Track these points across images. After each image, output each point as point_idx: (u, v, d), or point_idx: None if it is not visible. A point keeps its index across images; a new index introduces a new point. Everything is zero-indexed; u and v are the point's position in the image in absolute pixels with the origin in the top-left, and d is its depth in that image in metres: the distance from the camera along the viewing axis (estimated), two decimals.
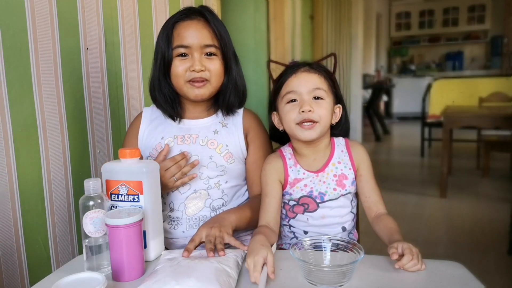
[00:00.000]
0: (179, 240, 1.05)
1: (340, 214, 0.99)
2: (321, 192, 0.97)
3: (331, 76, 0.99)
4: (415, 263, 0.76)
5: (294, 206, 1.00)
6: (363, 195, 0.99)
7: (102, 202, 0.81)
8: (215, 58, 1.01)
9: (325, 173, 0.98)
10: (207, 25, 1.00)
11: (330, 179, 0.98)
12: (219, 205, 1.06)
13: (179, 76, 1.00)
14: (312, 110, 0.92)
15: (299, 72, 0.96)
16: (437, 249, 2.32)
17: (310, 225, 0.99)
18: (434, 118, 4.72)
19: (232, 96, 1.05)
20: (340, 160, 0.99)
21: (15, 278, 1.00)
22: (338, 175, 0.98)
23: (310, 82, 0.94)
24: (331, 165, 0.99)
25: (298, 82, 0.95)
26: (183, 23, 1.00)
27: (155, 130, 1.07)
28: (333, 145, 1.01)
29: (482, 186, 3.56)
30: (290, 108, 0.95)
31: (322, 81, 0.96)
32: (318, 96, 0.94)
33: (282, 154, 1.02)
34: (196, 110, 1.07)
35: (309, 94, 0.94)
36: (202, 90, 1.01)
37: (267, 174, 1.00)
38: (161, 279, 0.72)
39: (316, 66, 0.98)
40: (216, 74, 1.01)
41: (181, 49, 0.99)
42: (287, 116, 0.95)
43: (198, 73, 0.98)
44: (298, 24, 3.77)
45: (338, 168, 0.99)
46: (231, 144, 1.06)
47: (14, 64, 0.97)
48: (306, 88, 0.94)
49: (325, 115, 0.94)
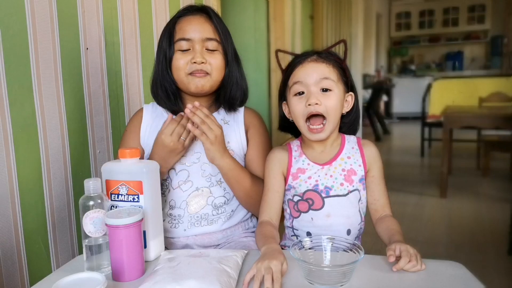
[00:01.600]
0: (180, 239, 1.05)
1: (346, 213, 0.95)
2: (327, 186, 0.94)
3: (341, 64, 0.95)
4: (414, 265, 0.75)
5: (298, 203, 0.97)
6: (372, 197, 0.97)
7: (102, 202, 0.81)
8: (216, 52, 1.02)
9: (332, 167, 0.95)
10: (209, 20, 1.01)
11: (338, 173, 0.95)
12: (221, 203, 1.05)
13: (180, 69, 1.00)
14: (319, 103, 0.89)
15: (306, 62, 0.93)
16: (437, 249, 2.32)
17: (314, 226, 0.96)
18: (434, 118, 4.71)
19: (234, 91, 1.05)
20: (350, 155, 0.97)
21: (15, 278, 1.00)
22: (346, 170, 0.95)
23: (317, 72, 0.91)
24: (340, 159, 0.96)
25: (305, 72, 0.92)
26: (186, 18, 1.01)
27: (157, 127, 1.06)
28: (343, 141, 0.99)
29: (482, 186, 3.56)
30: (297, 101, 0.92)
31: (330, 70, 0.92)
32: (326, 87, 0.91)
33: (289, 146, 1.00)
34: None
35: (317, 85, 0.91)
36: (202, 81, 1.01)
37: (269, 165, 0.99)
38: (161, 280, 0.72)
39: (325, 55, 0.94)
40: (217, 68, 1.01)
41: (182, 42, 0.99)
42: (295, 110, 0.93)
43: (199, 65, 0.99)
44: (298, 24, 3.77)
45: (348, 163, 0.96)
46: (232, 141, 1.06)
47: (14, 64, 0.97)
48: (312, 79, 0.91)
49: (333, 108, 0.91)
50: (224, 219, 1.06)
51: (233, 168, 0.99)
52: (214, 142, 0.93)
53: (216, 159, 0.97)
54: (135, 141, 1.07)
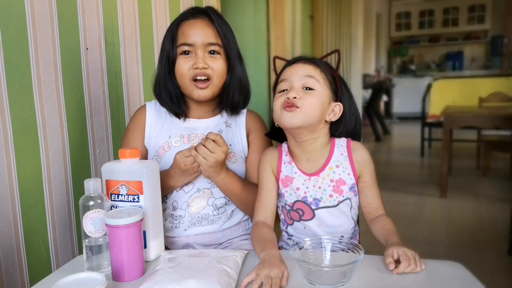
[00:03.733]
0: (180, 239, 1.05)
1: (338, 223, 0.95)
2: (316, 198, 0.93)
3: (332, 72, 0.95)
4: (413, 268, 0.75)
5: (290, 212, 0.97)
6: (365, 202, 0.96)
7: (102, 202, 0.81)
8: (218, 57, 1.02)
9: (320, 178, 0.93)
10: (211, 24, 1.01)
11: (326, 185, 0.93)
12: (221, 204, 1.06)
13: (184, 74, 1.01)
14: (297, 97, 0.88)
15: (294, 64, 0.94)
16: (437, 249, 2.32)
17: (307, 234, 0.95)
18: (434, 118, 4.72)
19: (237, 94, 1.05)
20: (338, 163, 0.94)
21: (15, 278, 1.00)
22: (335, 180, 0.93)
23: (303, 70, 0.91)
24: (328, 169, 0.93)
25: (291, 71, 0.92)
26: (188, 22, 1.01)
27: (162, 128, 1.07)
28: (332, 146, 0.95)
29: (482, 186, 3.56)
30: (278, 96, 0.92)
31: (317, 72, 0.91)
32: (309, 86, 0.89)
33: (280, 148, 1.00)
34: (201, 110, 1.08)
35: (300, 82, 0.90)
36: (205, 91, 1.01)
37: (261, 166, 0.99)
38: (161, 280, 0.72)
39: (316, 60, 0.95)
40: (218, 73, 1.02)
41: (185, 47, 1.00)
42: (275, 104, 0.91)
43: (201, 70, 0.99)
44: (298, 24, 3.77)
45: (336, 173, 0.93)
46: (234, 144, 1.07)
47: (14, 64, 0.97)
48: (297, 76, 0.90)
49: (311, 104, 0.88)
50: (224, 219, 1.07)
51: (228, 183, 1.00)
52: (212, 165, 0.93)
53: (212, 178, 0.99)
54: (138, 140, 1.07)
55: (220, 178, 0.98)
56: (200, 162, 0.93)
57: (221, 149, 0.92)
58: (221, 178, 0.98)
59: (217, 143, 0.92)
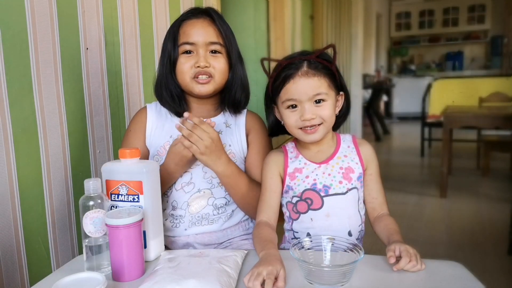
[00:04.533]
0: (180, 238, 1.05)
1: (346, 213, 0.94)
2: (326, 185, 0.94)
3: (330, 68, 0.94)
4: (414, 265, 0.76)
5: (297, 203, 0.96)
6: (370, 196, 0.97)
7: (102, 202, 0.81)
8: (220, 56, 1.02)
9: (329, 165, 0.95)
10: (213, 23, 1.02)
11: (336, 171, 0.95)
12: (222, 204, 1.06)
13: (185, 73, 1.01)
14: (314, 117, 0.91)
15: (298, 77, 0.91)
16: (437, 249, 2.32)
17: (314, 227, 0.95)
18: (434, 118, 4.72)
19: (238, 93, 1.06)
20: (346, 154, 0.97)
21: (15, 278, 1.00)
22: (344, 168, 0.95)
23: (309, 88, 0.90)
24: (337, 158, 0.96)
25: (296, 89, 0.91)
26: (189, 21, 1.02)
27: (163, 128, 1.07)
28: (338, 140, 1.00)
29: (482, 186, 3.56)
30: (290, 114, 0.93)
31: (322, 83, 0.91)
32: (319, 99, 0.91)
33: (285, 148, 1.01)
34: (202, 109, 1.08)
35: (310, 100, 0.91)
36: (206, 87, 1.01)
37: (266, 167, 0.99)
38: (161, 280, 0.72)
39: (314, 65, 0.92)
40: (220, 72, 1.02)
41: (186, 46, 1.00)
42: (289, 121, 0.93)
43: (203, 68, 1.00)
44: (298, 24, 3.77)
45: (345, 161, 0.96)
46: (233, 144, 1.07)
47: (14, 64, 0.97)
48: (306, 96, 0.90)
49: (327, 115, 0.92)
50: (224, 219, 1.07)
51: (229, 175, 0.98)
52: (204, 152, 0.92)
53: (210, 167, 0.97)
54: (139, 141, 1.07)
55: (220, 169, 0.96)
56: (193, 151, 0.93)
57: (208, 133, 0.92)
58: (221, 169, 0.96)
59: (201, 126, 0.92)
